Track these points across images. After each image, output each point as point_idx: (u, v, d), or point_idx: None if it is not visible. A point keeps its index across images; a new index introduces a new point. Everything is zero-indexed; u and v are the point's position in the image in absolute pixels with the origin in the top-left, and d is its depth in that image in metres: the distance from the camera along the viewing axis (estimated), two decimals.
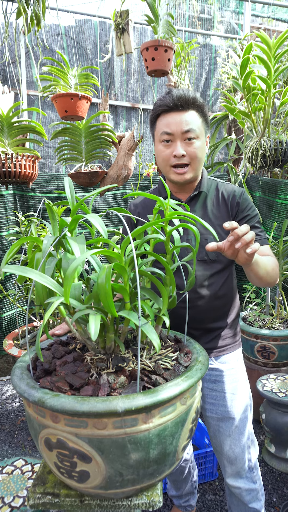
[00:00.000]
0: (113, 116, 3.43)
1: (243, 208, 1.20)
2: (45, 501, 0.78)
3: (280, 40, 1.46)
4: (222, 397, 1.25)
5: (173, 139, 1.13)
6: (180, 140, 1.12)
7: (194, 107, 1.12)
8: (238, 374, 1.28)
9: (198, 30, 3.56)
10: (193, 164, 1.14)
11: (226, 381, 1.25)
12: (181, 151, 1.11)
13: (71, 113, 2.00)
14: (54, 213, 0.88)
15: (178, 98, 1.10)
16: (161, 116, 1.15)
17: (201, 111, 1.14)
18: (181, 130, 1.11)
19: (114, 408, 0.62)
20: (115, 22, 1.93)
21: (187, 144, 1.12)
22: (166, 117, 1.13)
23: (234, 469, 1.25)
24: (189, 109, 1.11)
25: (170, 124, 1.12)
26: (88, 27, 3.12)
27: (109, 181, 2.59)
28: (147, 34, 3.32)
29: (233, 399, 1.25)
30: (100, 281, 0.64)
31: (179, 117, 1.11)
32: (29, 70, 3.01)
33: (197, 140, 1.13)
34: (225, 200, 1.21)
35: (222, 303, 1.23)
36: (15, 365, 0.82)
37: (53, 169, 3.27)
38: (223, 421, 1.25)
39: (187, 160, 1.13)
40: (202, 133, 1.15)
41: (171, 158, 1.14)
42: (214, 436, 1.29)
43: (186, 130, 1.11)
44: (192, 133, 1.11)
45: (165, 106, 1.12)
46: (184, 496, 1.53)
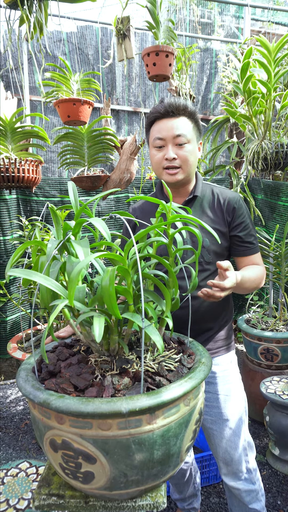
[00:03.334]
0: (115, 121, 3.45)
1: (239, 214, 1.24)
2: (50, 503, 0.78)
3: (280, 44, 1.48)
4: (215, 399, 1.26)
5: (165, 144, 1.18)
6: (171, 144, 1.17)
7: (185, 113, 1.18)
8: (231, 376, 1.29)
9: (199, 34, 3.59)
10: (184, 166, 1.19)
11: (219, 383, 1.27)
12: (172, 154, 1.17)
13: (74, 118, 2.02)
14: (58, 217, 0.90)
15: (169, 105, 1.16)
16: (154, 123, 1.21)
17: (192, 118, 1.19)
18: (172, 135, 1.16)
19: (118, 409, 0.63)
20: (116, 28, 1.95)
21: (178, 148, 1.18)
22: (158, 123, 1.19)
23: (230, 470, 1.26)
24: (180, 115, 1.17)
25: (162, 129, 1.18)
26: (90, 33, 3.15)
27: (111, 185, 2.61)
28: (148, 39, 3.35)
29: (226, 400, 1.26)
30: (104, 284, 0.65)
31: (170, 123, 1.17)
32: (32, 76, 3.04)
33: (188, 144, 1.18)
34: (221, 205, 1.24)
35: (216, 305, 1.25)
36: (20, 367, 0.83)
37: (56, 174, 3.29)
38: (217, 423, 1.26)
39: (178, 163, 1.18)
40: (193, 138, 1.20)
41: (163, 161, 1.19)
42: (208, 438, 1.30)
43: (177, 135, 1.16)
44: (183, 138, 1.16)
45: (157, 113, 1.18)
46: (187, 499, 1.53)
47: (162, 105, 1.17)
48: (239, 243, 1.24)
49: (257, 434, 2.17)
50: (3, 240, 2.75)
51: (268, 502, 1.68)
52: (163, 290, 0.77)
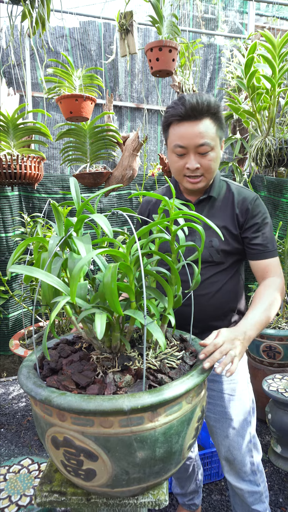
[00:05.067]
0: (117, 117, 3.43)
1: (253, 215, 1.16)
2: (52, 500, 0.78)
3: (285, 39, 1.46)
4: (219, 397, 1.23)
5: (186, 152, 1.09)
6: (193, 153, 1.08)
7: (208, 114, 1.05)
8: (238, 376, 1.25)
9: (202, 30, 3.56)
10: (207, 174, 1.12)
11: (224, 381, 1.23)
12: (195, 164, 1.08)
13: (76, 114, 2.01)
14: (60, 213, 0.89)
15: (191, 109, 1.04)
16: (173, 125, 1.09)
17: (215, 117, 1.07)
18: (194, 144, 1.06)
19: (120, 406, 0.62)
20: (119, 23, 1.93)
21: (201, 156, 1.08)
22: (178, 127, 1.07)
23: (233, 469, 1.24)
24: (203, 118, 1.05)
25: (183, 137, 1.06)
26: (93, 29, 3.13)
27: (113, 181, 2.60)
28: (151, 34, 3.33)
29: (230, 400, 1.22)
30: (106, 280, 0.65)
31: (192, 129, 1.05)
32: (34, 72, 3.03)
33: (212, 152, 1.08)
34: (235, 205, 1.17)
35: (224, 302, 1.21)
36: (22, 364, 0.83)
37: (58, 170, 3.29)
38: (220, 421, 1.23)
39: (201, 172, 1.11)
40: (217, 142, 1.10)
41: (185, 170, 1.12)
42: (212, 435, 1.29)
43: (200, 144, 1.06)
44: (207, 146, 1.06)
45: (177, 116, 1.06)
46: (188, 495, 1.53)
47: (183, 107, 1.04)
48: (250, 245, 1.16)
49: (259, 432, 2.17)
50: (5, 237, 2.75)
51: (270, 499, 1.68)
52: (165, 287, 0.76)
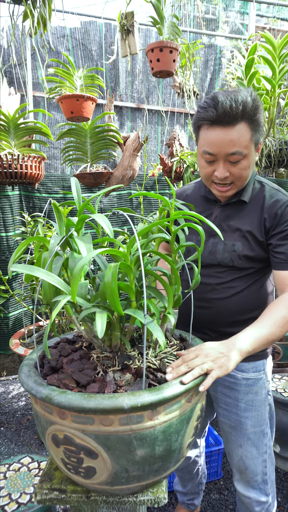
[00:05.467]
0: (118, 117, 3.44)
1: (282, 221, 1.05)
2: (52, 497, 0.79)
3: (285, 41, 1.47)
4: (235, 405, 1.17)
5: (215, 159, 1.01)
6: (223, 161, 1.00)
7: (244, 118, 0.95)
8: (257, 386, 1.16)
9: (203, 30, 3.57)
10: (237, 182, 1.05)
11: (240, 390, 1.16)
12: (224, 173, 1.01)
13: (77, 114, 2.01)
14: (61, 213, 0.90)
15: (223, 114, 0.93)
16: (203, 128, 1.01)
17: (252, 120, 0.96)
18: (225, 152, 0.97)
19: (120, 404, 0.63)
20: (120, 23, 1.94)
21: (232, 165, 1.00)
22: (209, 132, 0.98)
23: (243, 478, 1.19)
24: (236, 123, 0.95)
25: (213, 143, 0.98)
26: (94, 29, 3.14)
27: (114, 181, 2.60)
28: (152, 35, 3.33)
29: (246, 410, 1.16)
30: (107, 280, 0.65)
31: (224, 136, 0.96)
32: (35, 72, 3.04)
33: (244, 160, 0.99)
34: (264, 209, 1.08)
35: (242, 308, 1.12)
36: (22, 363, 0.83)
37: (58, 170, 3.29)
38: (235, 429, 1.18)
39: (231, 180, 1.04)
40: (251, 148, 0.99)
41: (213, 176, 1.05)
42: (225, 441, 1.24)
43: (231, 153, 0.97)
44: (238, 155, 0.97)
45: (207, 121, 0.97)
46: (188, 494, 1.53)
47: (214, 111, 0.94)
48: (273, 253, 1.07)
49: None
50: (6, 236, 2.76)
51: None
52: (165, 287, 0.77)
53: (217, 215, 1.15)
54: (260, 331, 0.92)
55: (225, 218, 1.14)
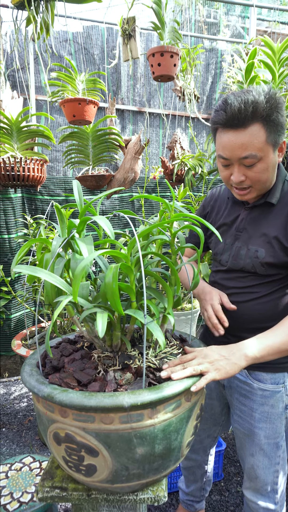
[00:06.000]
0: (119, 120, 3.47)
1: None
2: (53, 495, 0.80)
3: (284, 45, 1.48)
4: (249, 414, 1.13)
5: (230, 163, 0.99)
6: (238, 165, 0.97)
7: (256, 119, 0.91)
8: (274, 399, 1.10)
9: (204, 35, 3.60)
10: (256, 186, 1.00)
11: (255, 401, 1.11)
12: (239, 177, 0.98)
13: (79, 117, 2.03)
14: (63, 215, 0.91)
15: (232, 117, 0.91)
16: (218, 131, 0.99)
17: (267, 120, 0.92)
18: (237, 156, 0.95)
19: (120, 403, 0.64)
20: (122, 28, 1.96)
21: (247, 168, 0.97)
22: (222, 135, 0.97)
23: (253, 486, 1.17)
24: (249, 125, 0.91)
25: (225, 147, 0.96)
26: (96, 33, 3.17)
27: (115, 184, 2.62)
28: (154, 39, 3.36)
29: (261, 421, 1.11)
30: (108, 281, 0.67)
31: (235, 139, 0.93)
32: (38, 76, 3.07)
33: (260, 163, 0.95)
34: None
35: (262, 315, 1.08)
36: (24, 362, 0.85)
37: (60, 173, 3.31)
38: (249, 437, 1.15)
39: (248, 184, 1.00)
40: (268, 150, 0.95)
41: (230, 180, 1.02)
42: (239, 447, 1.22)
43: (243, 157, 0.94)
44: (252, 159, 0.94)
45: (219, 124, 0.96)
46: (189, 495, 1.53)
47: (224, 114, 0.93)
48: None
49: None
50: (8, 238, 2.78)
51: None
52: (165, 288, 0.78)
53: (244, 217, 1.12)
54: (272, 338, 0.88)
55: (252, 221, 1.10)
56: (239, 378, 1.16)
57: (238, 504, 1.68)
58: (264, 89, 0.93)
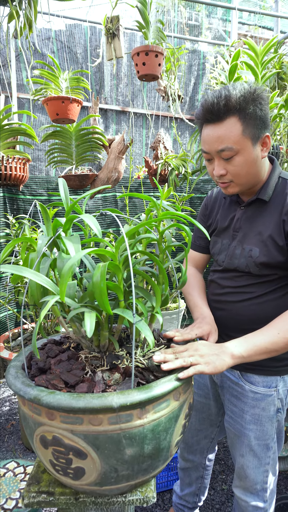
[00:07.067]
0: (103, 120, 3.45)
1: None
2: (40, 500, 0.78)
3: (267, 47, 1.51)
4: (240, 415, 1.14)
5: (211, 157, 1.02)
6: (217, 158, 1.00)
7: (231, 112, 0.93)
8: (265, 402, 1.10)
9: (187, 36, 3.62)
10: (237, 180, 1.01)
11: (247, 403, 1.12)
12: (219, 171, 1.01)
13: (62, 116, 2.01)
14: (48, 214, 0.90)
15: (207, 110, 0.95)
16: (203, 126, 1.02)
17: (242, 113, 0.93)
18: (215, 149, 0.98)
19: (109, 403, 0.63)
20: (106, 27, 1.95)
21: (226, 162, 0.99)
22: (204, 130, 1.00)
23: (243, 485, 1.19)
24: (224, 119, 0.94)
25: (204, 141, 1.00)
26: (79, 32, 3.14)
27: (99, 183, 2.60)
28: (137, 39, 3.36)
29: (251, 423, 1.12)
30: (95, 280, 0.66)
31: (212, 133, 0.97)
32: (19, 74, 3.01)
33: (237, 156, 0.97)
34: (282, 209, 1.02)
35: (257, 316, 1.07)
36: (9, 364, 0.82)
37: (43, 172, 3.27)
38: (239, 439, 1.16)
39: (228, 179, 1.02)
40: (245, 143, 0.95)
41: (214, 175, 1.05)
42: (230, 445, 1.24)
43: (220, 150, 0.97)
44: (229, 152, 0.96)
45: (199, 119, 1.01)
46: (181, 499, 1.50)
47: (201, 109, 0.97)
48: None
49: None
50: None
51: None
52: (154, 287, 0.78)
53: (239, 217, 1.12)
54: (260, 338, 0.89)
55: (247, 220, 1.10)
56: (231, 379, 1.16)
57: (223, 502, 1.69)
58: (244, 85, 0.95)
